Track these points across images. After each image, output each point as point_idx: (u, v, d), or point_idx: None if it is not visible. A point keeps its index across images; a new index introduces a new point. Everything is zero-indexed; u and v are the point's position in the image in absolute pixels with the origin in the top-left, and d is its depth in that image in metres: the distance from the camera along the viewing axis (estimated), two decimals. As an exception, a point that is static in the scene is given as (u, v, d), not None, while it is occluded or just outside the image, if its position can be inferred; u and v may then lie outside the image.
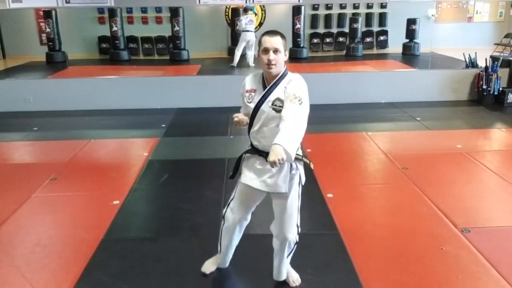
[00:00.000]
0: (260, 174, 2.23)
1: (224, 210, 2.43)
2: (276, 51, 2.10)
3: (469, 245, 2.84)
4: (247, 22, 9.07)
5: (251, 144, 2.27)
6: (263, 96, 2.15)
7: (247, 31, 9.07)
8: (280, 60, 2.12)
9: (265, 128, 2.17)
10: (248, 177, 2.26)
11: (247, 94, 2.22)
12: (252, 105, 2.18)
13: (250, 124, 2.22)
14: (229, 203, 2.40)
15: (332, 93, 6.97)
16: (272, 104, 2.13)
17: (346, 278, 2.55)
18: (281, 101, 2.12)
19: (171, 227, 3.22)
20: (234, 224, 2.40)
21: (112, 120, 6.36)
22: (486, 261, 2.66)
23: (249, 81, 2.25)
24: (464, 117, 6.25)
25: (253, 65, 9.06)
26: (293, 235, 2.33)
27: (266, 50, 2.10)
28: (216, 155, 4.72)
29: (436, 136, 5.29)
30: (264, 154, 2.16)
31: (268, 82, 2.17)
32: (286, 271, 2.49)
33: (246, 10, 9.31)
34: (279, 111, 2.12)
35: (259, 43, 2.15)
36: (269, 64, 2.10)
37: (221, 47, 11.34)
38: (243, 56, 9.24)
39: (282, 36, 2.14)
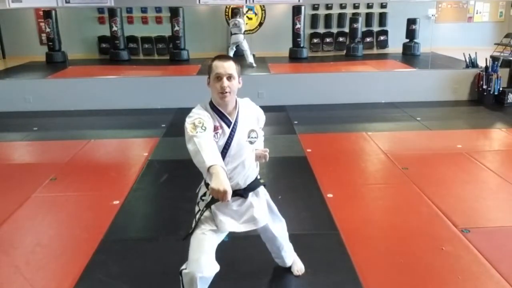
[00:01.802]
0: (240, 215, 2.06)
1: (184, 266, 1.99)
2: (230, 77, 1.92)
3: (469, 245, 2.84)
4: (231, 26, 9.24)
5: None
6: (232, 131, 1.96)
7: (233, 34, 9.19)
8: (234, 87, 1.94)
9: (246, 163, 2.01)
10: (228, 223, 2.03)
11: (214, 133, 1.92)
12: (222, 144, 1.95)
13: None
14: (189, 256, 2.00)
15: (332, 93, 6.97)
16: (249, 137, 2.01)
17: (346, 278, 2.54)
18: (255, 131, 2.04)
19: (171, 227, 3.21)
20: (195, 278, 1.92)
21: (112, 120, 6.37)
22: (486, 261, 2.65)
23: (208, 116, 1.92)
24: (464, 117, 6.25)
25: (255, 65, 9.03)
26: (284, 223, 2.42)
27: (219, 77, 1.91)
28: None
29: (436, 136, 5.29)
30: (241, 192, 2.02)
31: (229, 114, 1.98)
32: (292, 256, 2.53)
33: (234, 14, 9.42)
34: (253, 143, 2.04)
35: (210, 69, 1.95)
36: (223, 92, 1.91)
37: (221, 47, 11.32)
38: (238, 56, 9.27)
39: (235, 62, 1.97)
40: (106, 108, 6.74)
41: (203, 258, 1.95)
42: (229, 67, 1.92)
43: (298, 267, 2.56)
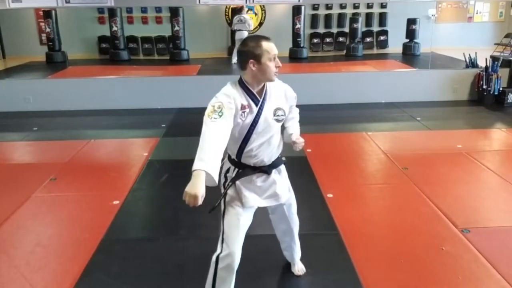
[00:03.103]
0: (263, 191, 2.13)
1: (219, 250, 2.01)
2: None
3: (469, 245, 2.84)
4: (236, 22, 9.21)
5: (240, 165, 2.09)
6: (260, 109, 2.02)
7: (237, 30, 9.18)
8: None
9: (272, 140, 2.10)
10: (252, 199, 2.09)
11: (241, 112, 1.96)
12: (249, 121, 2.00)
13: (244, 144, 2.03)
14: (223, 239, 2.03)
15: (332, 93, 6.98)
16: (275, 115, 2.07)
17: (346, 278, 2.54)
18: (282, 110, 2.10)
19: (171, 227, 3.22)
20: (237, 259, 2.02)
21: (112, 120, 6.36)
22: (486, 261, 2.65)
23: (237, 95, 1.97)
24: (464, 117, 6.26)
25: None
26: (296, 207, 2.43)
27: (274, 57, 2.01)
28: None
29: (436, 136, 5.29)
30: (265, 169, 2.11)
31: (258, 93, 2.04)
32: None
33: (239, 10, 9.40)
34: (281, 120, 2.11)
35: (260, 49, 1.97)
36: (277, 71, 2.03)
37: (221, 47, 11.34)
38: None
39: None
40: (106, 108, 6.74)
41: (238, 239, 2.03)
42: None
43: (299, 267, 2.58)
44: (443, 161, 4.37)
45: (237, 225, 2.05)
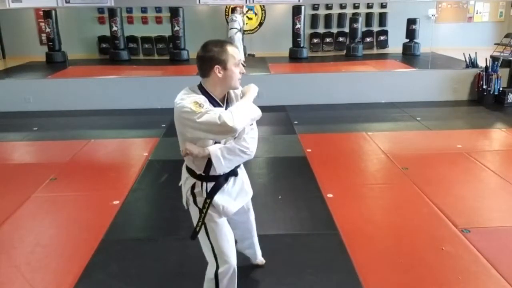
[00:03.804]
0: (235, 193, 2.08)
1: (215, 266, 1.99)
2: None
3: (469, 245, 2.84)
4: (229, 21, 9.38)
5: (208, 178, 1.96)
6: None
7: (229, 29, 9.34)
8: None
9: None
10: (229, 206, 2.04)
11: None
12: None
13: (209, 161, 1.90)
14: (215, 255, 1.99)
15: (332, 93, 6.97)
16: None
17: (346, 278, 2.54)
18: None
19: (171, 227, 3.21)
20: (235, 269, 2.03)
21: (112, 120, 6.36)
22: (486, 261, 2.66)
23: (203, 100, 1.83)
24: (464, 117, 6.25)
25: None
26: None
27: (239, 63, 1.91)
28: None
29: (436, 136, 5.29)
30: (235, 170, 2.02)
31: (221, 100, 1.93)
32: None
33: (233, 10, 9.54)
34: None
35: (225, 55, 1.85)
36: (240, 78, 1.92)
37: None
38: None
39: None
40: (106, 108, 6.74)
41: (230, 249, 2.00)
42: None
43: (260, 259, 2.61)
44: (443, 161, 4.37)
45: (225, 236, 2.01)
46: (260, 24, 11.47)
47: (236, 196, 2.10)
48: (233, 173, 2.03)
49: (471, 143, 5.01)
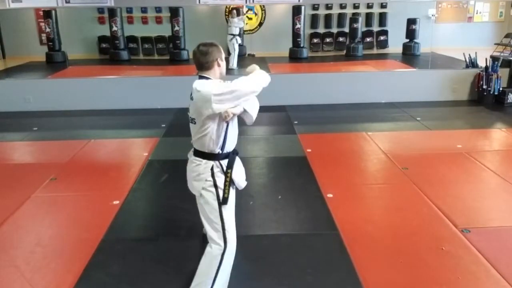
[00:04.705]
0: (240, 170, 2.33)
1: (223, 247, 2.17)
2: None
3: (469, 245, 2.84)
4: (229, 25, 9.34)
5: (224, 156, 2.23)
6: None
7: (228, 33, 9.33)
8: None
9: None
10: (241, 180, 2.32)
11: None
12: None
13: (227, 131, 2.20)
14: (225, 235, 2.18)
15: (332, 93, 6.97)
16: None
17: (346, 278, 2.54)
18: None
19: (171, 227, 3.22)
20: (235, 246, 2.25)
21: (112, 120, 6.36)
22: (486, 261, 2.66)
23: (220, 82, 2.28)
24: (464, 117, 6.25)
25: (235, 67, 8.90)
26: None
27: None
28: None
29: (436, 136, 5.29)
30: (236, 150, 2.32)
31: None
32: None
33: (230, 14, 9.56)
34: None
35: (220, 50, 2.30)
36: None
37: (221, 47, 11.32)
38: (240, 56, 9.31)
39: None
40: (106, 108, 6.74)
41: (234, 230, 2.23)
42: None
43: None
44: (443, 161, 4.37)
45: (232, 212, 2.25)
46: (260, 24, 11.47)
47: (241, 173, 2.35)
48: (236, 151, 2.32)
49: (471, 143, 5.01)
